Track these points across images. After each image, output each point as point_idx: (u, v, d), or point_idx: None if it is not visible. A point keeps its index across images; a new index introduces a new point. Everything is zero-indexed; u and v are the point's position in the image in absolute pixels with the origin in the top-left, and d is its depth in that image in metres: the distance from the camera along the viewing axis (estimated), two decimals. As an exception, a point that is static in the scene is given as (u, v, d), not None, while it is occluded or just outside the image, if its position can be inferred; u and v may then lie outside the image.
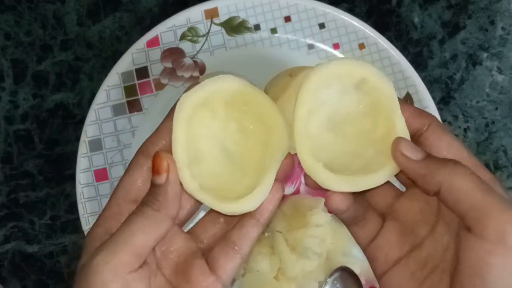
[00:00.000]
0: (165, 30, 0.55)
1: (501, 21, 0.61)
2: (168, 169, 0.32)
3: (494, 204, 0.29)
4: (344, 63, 0.36)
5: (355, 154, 0.36)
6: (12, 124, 0.58)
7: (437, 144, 0.33)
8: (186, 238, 0.36)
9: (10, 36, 0.59)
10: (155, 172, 0.32)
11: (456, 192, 0.30)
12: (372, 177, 0.34)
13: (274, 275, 0.53)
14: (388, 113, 0.34)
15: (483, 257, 0.29)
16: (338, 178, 0.34)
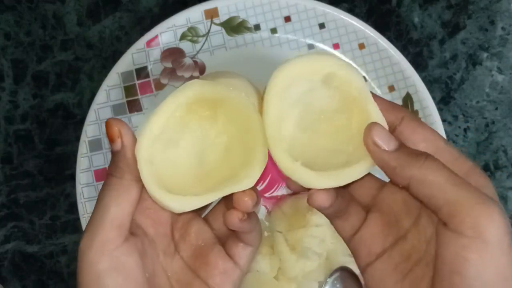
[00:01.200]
0: (165, 30, 0.55)
1: (501, 21, 0.61)
2: (120, 134, 0.33)
3: (467, 198, 0.28)
4: (308, 60, 0.34)
5: (335, 150, 0.35)
6: (12, 124, 0.58)
7: (413, 137, 0.32)
8: (203, 223, 0.36)
9: (10, 36, 0.59)
10: (110, 141, 0.33)
11: (428, 187, 0.30)
12: (352, 170, 0.33)
13: (274, 275, 0.53)
14: (361, 105, 0.33)
15: (460, 253, 0.28)
16: (318, 175, 0.33)
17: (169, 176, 0.34)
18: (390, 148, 0.31)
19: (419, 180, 0.30)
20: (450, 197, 0.29)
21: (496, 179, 0.60)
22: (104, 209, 0.32)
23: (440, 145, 0.32)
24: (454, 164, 0.31)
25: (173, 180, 0.34)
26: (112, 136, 0.33)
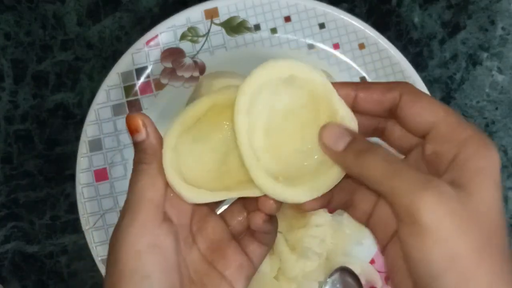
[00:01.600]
0: (165, 30, 0.55)
1: (501, 21, 0.61)
2: (144, 123, 0.33)
3: (400, 187, 0.28)
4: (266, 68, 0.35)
5: (307, 151, 0.34)
6: (12, 124, 0.58)
7: (411, 112, 0.32)
8: (219, 219, 0.37)
9: (10, 36, 0.59)
10: (134, 132, 0.33)
11: (370, 182, 0.30)
12: (329, 175, 0.33)
13: (274, 275, 0.53)
14: (326, 101, 0.33)
15: (406, 241, 0.28)
16: (296, 191, 0.33)
17: (190, 168, 0.35)
18: (337, 148, 0.32)
19: (362, 177, 0.31)
20: (386, 189, 0.29)
21: (496, 179, 0.60)
22: (141, 192, 0.33)
23: (439, 115, 0.31)
24: (453, 134, 0.31)
25: (192, 173, 0.35)
26: (136, 127, 0.33)
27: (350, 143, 0.32)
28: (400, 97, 0.32)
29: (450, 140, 0.30)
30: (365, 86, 0.33)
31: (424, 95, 0.32)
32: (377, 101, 0.33)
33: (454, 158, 0.30)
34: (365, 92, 0.33)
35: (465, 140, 0.30)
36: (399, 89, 0.32)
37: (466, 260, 0.27)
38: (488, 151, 0.30)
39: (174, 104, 0.55)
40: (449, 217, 0.27)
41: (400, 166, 0.29)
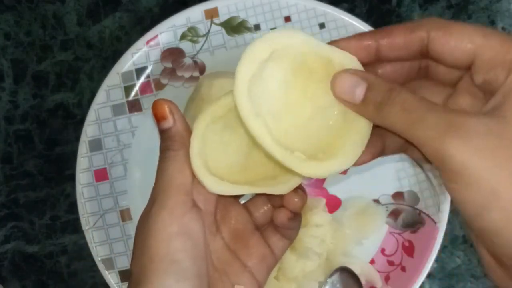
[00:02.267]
0: (165, 30, 0.55)
1: (501, 21, 0.61)
2: (171, 110, 0.33)
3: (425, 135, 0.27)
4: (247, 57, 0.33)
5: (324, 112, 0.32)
6: (12, 124, 0.58)
7: (446, 50, 0.29)
8: (242, 209, 0.37)
9: (10, 36, 0.59)
10: (161, 119, 0.33)
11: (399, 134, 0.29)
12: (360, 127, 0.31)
13: (274, 275, 0.53)
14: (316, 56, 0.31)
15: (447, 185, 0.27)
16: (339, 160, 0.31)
17: (215, 158, 0.34)
18: (355, 101, 0.30)
19: (388, 128, 0.29)
20: (412, 139, 0.28)
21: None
22: (170, 178, 0.33)
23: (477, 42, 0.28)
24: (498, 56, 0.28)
25: (217, 163, 0.34)
26: (162, 114, 0.33)
27: (367, 92, 0.29)
28: (428, 35, 0.29)
29: (497, 64, 0.27)
30: (386, 32, 0.30)
31: (454, 25, 0.29)
32: (403, 46, 0.30)
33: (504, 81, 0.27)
34: (386, 39, 0.30)
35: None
36: (425, 27, 0.29)
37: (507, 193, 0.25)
38: None
39: (174, 104, 0.55)
40: (481, 156, 0.25)
41: (421, 112, 0.27)
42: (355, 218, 0.55)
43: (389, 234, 0.56)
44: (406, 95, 0.28)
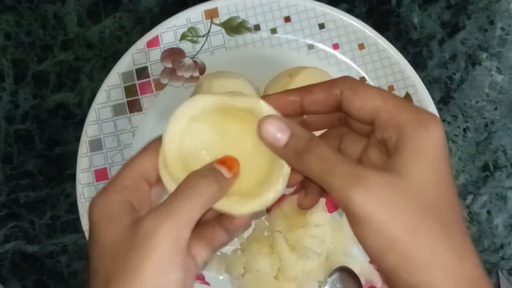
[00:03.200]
0: (165, 30, 0.55)
1: (501, 21, 0.61)
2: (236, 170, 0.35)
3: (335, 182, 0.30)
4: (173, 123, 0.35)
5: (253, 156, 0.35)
6: (12, 124, 0.58)
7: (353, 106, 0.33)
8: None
9: (11, 36, 0.59)
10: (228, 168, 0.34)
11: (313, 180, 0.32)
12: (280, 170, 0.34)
13: (274, 275, 0.53)
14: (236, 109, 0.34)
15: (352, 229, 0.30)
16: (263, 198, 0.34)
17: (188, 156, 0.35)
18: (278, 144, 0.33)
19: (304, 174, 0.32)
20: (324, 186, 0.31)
21: (495, 179, 0.60)
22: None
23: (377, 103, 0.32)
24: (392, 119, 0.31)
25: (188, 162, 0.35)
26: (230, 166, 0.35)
27: (289, 139, 0.32)
28: (341, 93, 0.33)
29: (390, 126, 0.31)
30: (307, 90, 0.34)
31: (362, 86, 0.33)
32: (321, 101, 0.34)
33: (396, 143, 0.31)
34: (308, 95, 0.34)
35: (403, 124, 0.31)
36: (339, 85, 0.33)
37: (402, 240, 0.29)
38: (425, 130, 0.30)
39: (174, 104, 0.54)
40: (379, 206, 0.29)
41: (333, 162, 0.31)
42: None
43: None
44: (323, 146, 0.32)
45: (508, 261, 0.60)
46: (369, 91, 0.32)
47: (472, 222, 0.60)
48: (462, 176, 0.60)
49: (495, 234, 0.60)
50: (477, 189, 0.60)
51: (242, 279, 0.53)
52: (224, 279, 0.54)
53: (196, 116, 0.35)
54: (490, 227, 0.60)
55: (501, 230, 0.60)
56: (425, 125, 0.30)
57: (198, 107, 0.35)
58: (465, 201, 0.60)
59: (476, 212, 0.60)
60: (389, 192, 0.29)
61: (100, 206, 0.33)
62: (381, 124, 0.32)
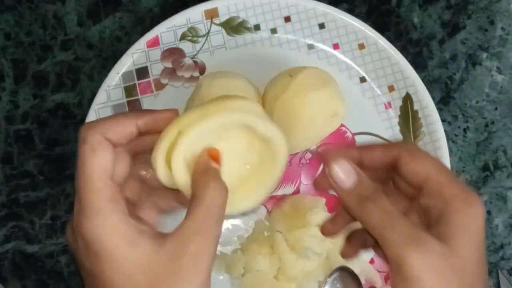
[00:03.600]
0: (165, 30, 0.55)
1: (501, 21, 0.61)
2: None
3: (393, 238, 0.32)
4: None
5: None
6: (12, 124, 0.58)
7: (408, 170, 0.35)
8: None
9: (11, 36, 0.59)
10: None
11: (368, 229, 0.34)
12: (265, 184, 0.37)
13: (274, 275, 0.53)
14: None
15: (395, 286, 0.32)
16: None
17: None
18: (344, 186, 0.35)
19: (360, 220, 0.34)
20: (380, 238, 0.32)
21: (495, 179, 0.60)
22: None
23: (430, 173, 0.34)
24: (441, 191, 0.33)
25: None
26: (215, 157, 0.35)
27: (356, 184, 0.34)
28: (399, 155, 0.35)
29: (438, 196, 0.33)
30: (368, 148, 0.37)
31: (419, 153, 0.35)
32: (379, 160, 0.36)
33: (440, 213, 0.33)
34: (368, 153, 0.36)
35: (452, 198, 0.33)
36: (398, 149, 0.36)
37: None
38: (472, 208, 0.32)
39: (174, 104, 0.55)
40: (432, 272, 0.30)
41: (395, 219, 0.32)
42: (355, 218, 0.55)
43: (388, 234, 0.56)
44: (386, 199, 0.34)
45: (508, 261, 0.60)
46: (425, 159, 0.35)
47: (472, 222, 0.60)
48: (462, 176, 0.60)
49: (495, 234, 0.60)
50: (477, 189, 0.60)
51: (242, 279, 0.53)
52: (224, 279, 0.54)
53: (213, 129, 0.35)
54: (490, 227, 0.60)
55: (501, 230, 0.60)
56: (472, 203, 0.32)
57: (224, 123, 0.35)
58: (465, 201, 0.60)
59: (476, 212, 0.60)
60: (443, 263, 0.31)
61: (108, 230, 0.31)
62: (430, 192, 0.34)
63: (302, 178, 0.56)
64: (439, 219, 0.33)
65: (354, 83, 0.57)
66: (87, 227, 0.31)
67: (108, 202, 0.32)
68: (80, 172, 0.32)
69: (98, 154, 0.32)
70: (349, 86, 0.57)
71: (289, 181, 0.56)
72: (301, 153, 0.56)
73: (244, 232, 0.55)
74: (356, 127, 0.57)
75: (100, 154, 0.32)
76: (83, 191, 0.31)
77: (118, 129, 0.34)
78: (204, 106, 0.35)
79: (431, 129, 0.56)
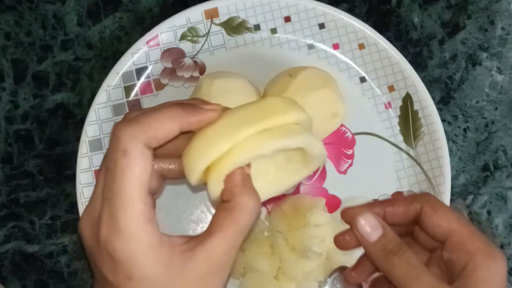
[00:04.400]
0: (165, 30, 0.55)
1: (501, 21, 0.61)
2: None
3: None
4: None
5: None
6: (12, 124, 0.58)
7: (430, 223, 0.36)
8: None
9: (11, 36, 0.59)
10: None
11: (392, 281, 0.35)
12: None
13: (274, 275, 0.53)
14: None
15: None
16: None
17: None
18: (369, 239, 0.36)
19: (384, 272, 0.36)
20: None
21: (495, 179, 0.60)
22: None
23: (453, 226, 0.35)
24: (464, 244, 0.35)
25: None
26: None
27: (381, 237, 0.36)
28: (421, 208, 0.36)
29: (461, 250, 0.34)
30: (390, 203, 0.38)
31: (441, 206, 0.36)
32: (402, 214, 0.37)
33: (464, 266, 0.34)
34: (391, 208, 0.37)
35: (474, 251, 0.34)
36: (420, 202, 0.37)
37: None
38: (494, 262, 0.34)
39: (174, 104, 0.55)
40: None
41: (420, 272, 0.34)
42: (355, 218, 0.55)
43: (389, 234, 0.56)
44: (411, 253, 0.35)
45: (508, 261, 0.60)
46: (447, 213, 0.36)
47: (472, 222, 0.60)
48: (462, 176, 0.60)
49: (495, 234, 0.60)
50: (477, 189, 0.60)
51: (242, 279, 0.53)
52: (224, 279, 0.54)
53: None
54: (490, 227, 0.60)
55: (501, 230, 0.60)
56: (495, 257, 0.34)
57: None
58: (465, 201, 0.60)
59: (476, 212, 0.60)
60: None
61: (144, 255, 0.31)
62: (453, 245, 0.35)
63: (302, 178, 0.56)
64: (462, 272, 0.34)
65: (354, 83, 0.57)
66: (121, 248, 0.30)
67: (146, 224, 0.31)
68: (117, 187, 0.30)
69: (140, 170, 0.31)
70: (349, 86, 0.57)
71: (289, 181, 0.56)
72: (301, 153, 0.56)
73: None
74: (356, 127, 0.57)
75: (142, 170, 0.31)
76: (119, 210, 0.30)
77: (163, 134, 0.32)
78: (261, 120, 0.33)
79: (431, 129, 0.56)
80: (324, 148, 0.37)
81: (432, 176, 0.56)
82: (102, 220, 0.31)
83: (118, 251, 0.30)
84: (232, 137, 0.32)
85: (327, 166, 0.57)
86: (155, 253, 0.31)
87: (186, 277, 0.31)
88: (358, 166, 0.57)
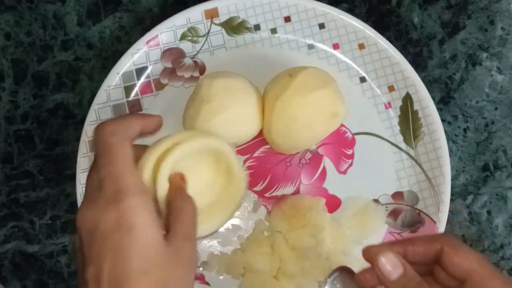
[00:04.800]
0: (165, 30, 0.55)
1: (501, 21, 0.61)
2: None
3: None
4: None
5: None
6: (12, 124, 0.58)
7: (451, 262, 0.37)
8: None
9: (11, 36, 0.59)
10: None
11: None
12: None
13: (274, 275, 0.53)
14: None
15: None
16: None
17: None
18: (390, 277, 0.37)
19: None
20: None
21: (495, 179, 0.60)
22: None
23: (474, 266, 0.36)
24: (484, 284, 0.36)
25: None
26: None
27: (401, 276, 0.37)
28: (442, 248, 0.37)
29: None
30: (410, 242, 0.39)
31: (462, 247, 0.37)
32: (423, 253, 0.38)
33: None
34: (411, 247, 0.38)
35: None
36: (441, 242, 0.38)
37: None
38: None
39: (174, 104, 0.55)
40: None
41: None
42: (355, 218, 0.55)
43: (388, 234, 0.56)
44: None
45: (508, 261, 0.60)
46: (467, 253, 0.37)
47: (472, 222, 0.60)
48: (462, 176, 0.60)
49: (495, 234, 0.60)
50: (477, 189, 0.60)
51: (242, 279, 0.53)
52: (224, 279, 0.54)
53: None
54: (490, 227, 0.60)
55: (501, 230, 0.60)
56: None
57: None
58: (465, 201, 0.60)
59: (476, 212, 0.60)
60: None
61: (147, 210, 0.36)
62: (473, 285, 0.36)
63: (302, 178, 0.56)
64: None
65: (354, 83, 0.57)
66: (131, 203, 0.35)
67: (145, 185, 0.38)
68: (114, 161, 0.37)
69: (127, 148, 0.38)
70: (349, 86, 0.57)
71: (289, 181, 0.56)
72: (301, 153, 0.56)
73: (244, 232, 0.55)
74: (356, 127, 0.57)
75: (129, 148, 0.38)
76: (122, 176, 0.36)
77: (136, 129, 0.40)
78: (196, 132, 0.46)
79: (431, 129, 0.56)
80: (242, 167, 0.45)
81: (432, 176, 0.56)
82: (104, 183, 0.36)
83: (127, 206, 0.35)
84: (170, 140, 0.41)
85: (327, 166, 0.57)
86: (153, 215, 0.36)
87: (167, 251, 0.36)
88: (358, 166, 0.57)
